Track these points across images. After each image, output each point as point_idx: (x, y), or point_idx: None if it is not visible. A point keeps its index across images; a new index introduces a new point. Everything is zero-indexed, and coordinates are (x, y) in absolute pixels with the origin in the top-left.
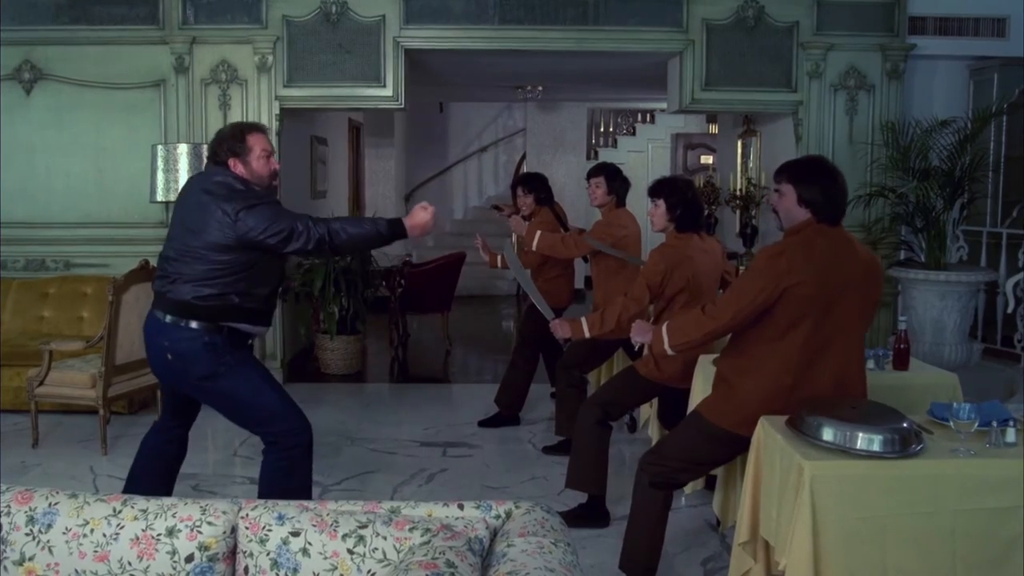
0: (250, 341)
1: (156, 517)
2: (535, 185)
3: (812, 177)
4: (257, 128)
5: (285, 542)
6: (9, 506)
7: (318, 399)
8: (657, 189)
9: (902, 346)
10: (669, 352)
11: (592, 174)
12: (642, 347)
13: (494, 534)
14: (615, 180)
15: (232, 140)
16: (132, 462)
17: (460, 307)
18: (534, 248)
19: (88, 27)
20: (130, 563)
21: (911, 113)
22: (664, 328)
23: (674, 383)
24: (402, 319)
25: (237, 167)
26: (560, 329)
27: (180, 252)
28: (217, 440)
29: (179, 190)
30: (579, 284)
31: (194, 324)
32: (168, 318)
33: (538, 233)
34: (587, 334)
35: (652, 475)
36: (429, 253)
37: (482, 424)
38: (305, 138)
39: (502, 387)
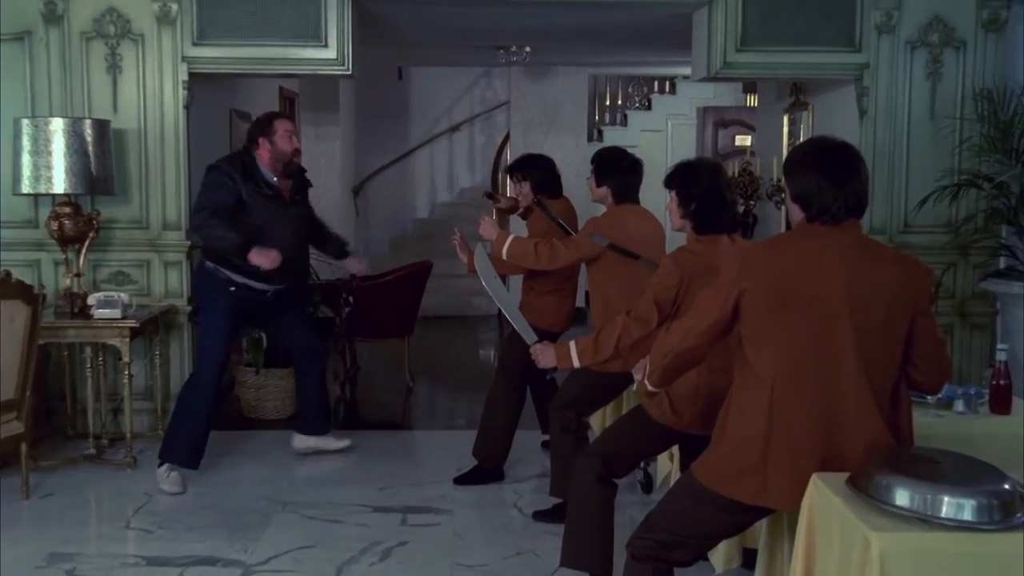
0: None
1: None
2: (533, 169)
3: (795, 165)
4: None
5: None
6: None
7: (240, 451)
8: (670, 178)
9: (1002, 382)
10: (651, 388)
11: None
12: None
13: None
14: (604, 168)
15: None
16: None
17: (426, 331)
18: (504, 256)
19: None
20: None
21: (1015, 78)
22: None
23: (695, 429)
24: (350, 347)
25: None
26: (543, 356)
27: None
28: (104, 508)
29: (50, 179)
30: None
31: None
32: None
33: (510, 238)
34: (576, 363)
35: (635, 549)
36: (385, 263)
37: (458, 481)
38: (223, 112)
39: (480, 433)
